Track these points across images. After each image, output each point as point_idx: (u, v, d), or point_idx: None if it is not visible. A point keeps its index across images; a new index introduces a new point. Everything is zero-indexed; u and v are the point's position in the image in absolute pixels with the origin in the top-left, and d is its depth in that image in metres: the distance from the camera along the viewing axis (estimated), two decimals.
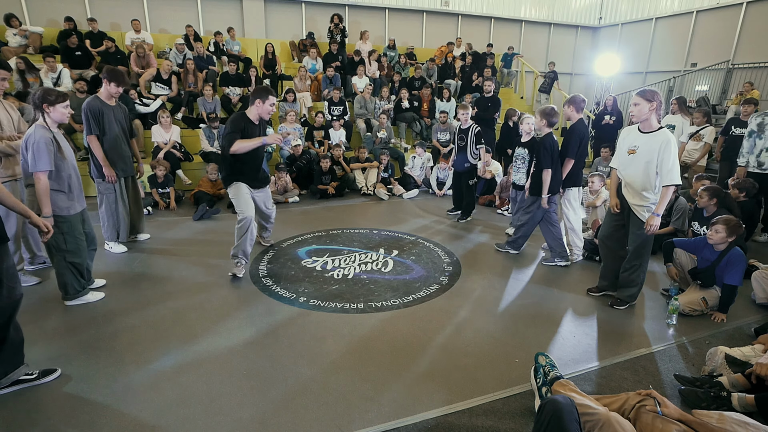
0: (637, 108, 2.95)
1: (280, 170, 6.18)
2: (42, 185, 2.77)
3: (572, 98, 3.97)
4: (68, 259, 3.03)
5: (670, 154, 2.86)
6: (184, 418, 2.10)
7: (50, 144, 2.81)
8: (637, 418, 1.87)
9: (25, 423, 2.05)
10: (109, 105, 3.85)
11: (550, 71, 10.83)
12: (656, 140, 2.91)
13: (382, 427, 2.08)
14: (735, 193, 4.48)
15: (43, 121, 2.85)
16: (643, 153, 2.97)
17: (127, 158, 4.04)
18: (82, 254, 3.13)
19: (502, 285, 3.70)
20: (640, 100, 2.93)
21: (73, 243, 3.04)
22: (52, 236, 2.77)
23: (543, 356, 2.37)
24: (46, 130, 2.84)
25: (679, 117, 6.02)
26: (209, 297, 3.34)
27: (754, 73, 9.48)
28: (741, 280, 3.08)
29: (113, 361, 2.52)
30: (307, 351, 2.66)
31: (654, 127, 2.97)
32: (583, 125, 3.98)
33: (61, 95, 2.91)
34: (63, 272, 3.05)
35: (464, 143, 5.33)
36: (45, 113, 2.85)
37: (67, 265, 3.04)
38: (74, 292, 3.13)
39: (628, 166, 3.09)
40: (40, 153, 2.75)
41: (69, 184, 2.99)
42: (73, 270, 3.08)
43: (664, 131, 2.93)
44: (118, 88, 3.82)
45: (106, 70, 3.81)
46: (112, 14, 9.44)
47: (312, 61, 9.06)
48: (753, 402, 2.16)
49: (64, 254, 3.01)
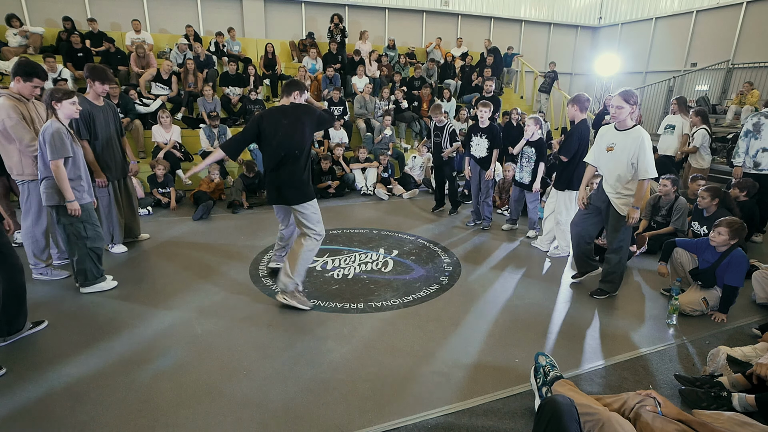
0: (621, 111, 3.10)
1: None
2: (60, 172, 2.97)
3: (576, 97, 3.95)
4: (89, 245, 3.21)
5: (645, 150, 3.02)
6: (184, 418, 2.10)
7: (67, 133, 3.03)
8: (637, 418, 1.86)
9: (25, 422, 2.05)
10: (98, 106, 3.76)
11: (551, 71, 10.82)
12: (631, 137, 3.09)
13: (382, 427, 2.08)
14: (736, 193, 4.47)
15: (54, 117, 3.03)
16: (619, 150, 3.16)
17: (119, 161, 3.98)
18: (100, 241, 3.31)
19: (502, 285, 3.70)
20: (624, 103, 3.08)
21: (92, 230, 3.24)
22: (71, 225, 3.09)
23: (543, 356, 2.37)
24: (58, 123, 3.02)
25: (679, 117, 6.01)
26: (209, 297, 3.34)
27: (754, 73, 9.48)
28: (742, 281, 3.07)
29: (113, 361, 2.52)
30: (307, 351, 2.66)
31: (628, 126, 3.15)
32: (585, 126, 3.97)
33: (68, 92, 3.08)
34: (83, 259, 3.22)
35: (440, 140, 5.42)
36: (55, 110, 3.03)
37: (87, 252, 3.22)
38: (93, 278, 3.30)
39: (608, 162, 3.26)
40: (57, 141, 2.94)
41: (82, 173, 3.18)
42: (93, 256, 3.26)
43: (637, 128, 3.10)
44: (103, 86, 3.72)
45: (88, 69, 3.72)
46: (112, 14, 9.44)
47: (312, 61, 9.06)
48: (753, 402, 2.16)
49: (85, 241, 3.19)
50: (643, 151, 3.02)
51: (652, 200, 4.73)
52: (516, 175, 4.91)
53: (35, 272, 3.54)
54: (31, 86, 3.28)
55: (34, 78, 3.27)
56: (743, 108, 8.36)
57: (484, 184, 5.08)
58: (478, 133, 4.99)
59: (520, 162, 4.79)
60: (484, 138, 4.95)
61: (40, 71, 3.31)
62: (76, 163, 3.12)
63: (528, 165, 4.73)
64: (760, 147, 4.72)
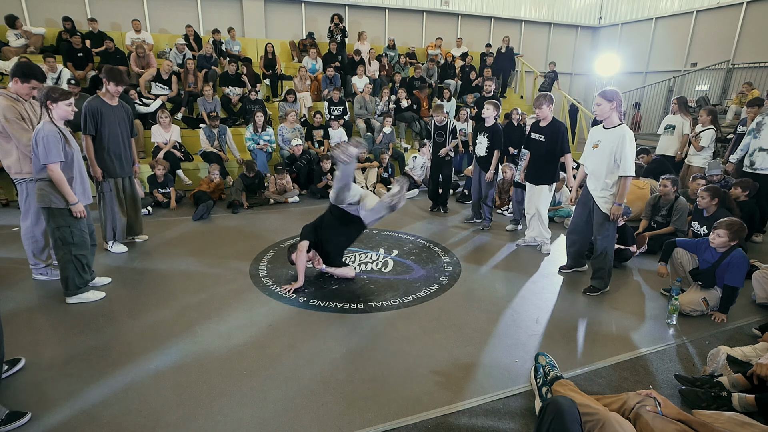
0: (600, 108, 3.25)
1: (279, 170, 6.18)
2: (57, 176, 2.91)
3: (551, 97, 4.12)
4: (74, 252, 3.10)
5: (625, 147, 3.13)
6: (184, 418, 2.10)
7: (58, 136, 2.92)
8: (637, 418, 1.87)
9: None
10: (111, 105, 3.85)
11: (551, 71, 10.82)
12: (614, 135, 3.21)
13: (382, 427, 2.07)
14: (737, 193, 4.47)
15: (48, 118, 2.95)
16: (603, 146, 3.29)
17: (126, 159, 4.03)
18: (87, 247, 3.20)
19: (501, 285, 3.70)
20: (602, 100, 3.22)
21: (79, 236, 3.12)
22: (59, 229, 2.98)
23: (543, 356, 2.37)
24: (51, 125, 2.94)
25: (679, 117, 6.00)
26: (209, 297, 3.34)
27: (754, 73, 9.49)
28: (742, 281, 3.07)
29: (113, 361, 2.52)
30: (307, 351, 2.66)
31: (615, 123, 3.26)
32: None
33: (65, 93, 3.00)
34: (66, 266, 3.09)
35: (442, 138, 5.46)
36: (49, 110, 2.95)
37: (71, 259, 3.09)
38: (74, 288, 3.15)
39: (593, 159, 3.40)
40: (50, 145, 2.86)
41: (76, 176, 3.10)
42: (76, 264, 3.12)
43: (622, 127, 3.21)
44: (117, 87, 3.83)
45: (105, 70, 3.83)
46: (112, 14, 9.44)
47: (312, 61, 9.06)
48: (753, 402, 2.16)
49: (70, 247, 3.08)
50: (623, 148, 3.13)
51: (652, 200, 4.73)
52: (517, 177, 4.91)
53: (35, 272, 3.54)
54: (29, 87, 3.27)
55: (32, 79, 3.27)
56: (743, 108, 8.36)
57: (483, 185, 5.09)
58: (482, 132, 5.03)
59: (521, 164, 4.79)
60: (485, 137, 4.97)
61: (38, 73, 3.31)
62: (69, 164, 3.03)
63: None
64: (757, 146, 4.73)
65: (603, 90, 3.26)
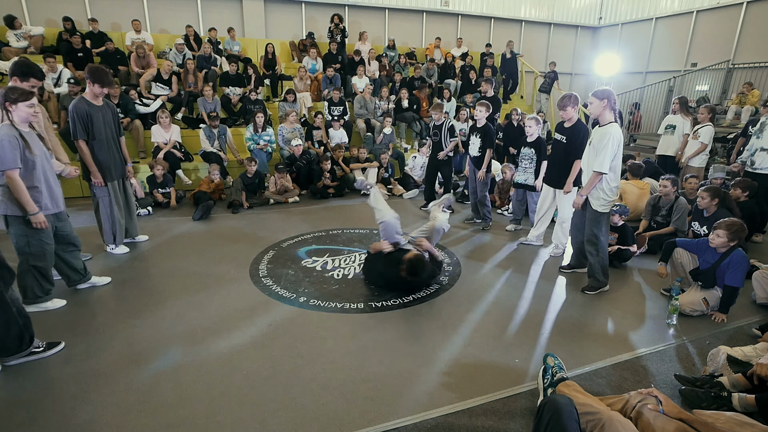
0: (592, 106, 3.33)
1: (280, 170, 6.18)
2: (15, 183, 2.70)
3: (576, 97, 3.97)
4: (31, 262, 2.92)
5: (607, 144, 3.22)
6: (184, 418, 2.10)
7: (15, 141, 2.69)
8: (639, 416, 1.87)
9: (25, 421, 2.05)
10: (96, 106, 3.71)
11: (551, 71, 10.82)
12: (603, 131, 3.30)
13: (382, 427, 2.07)
14: (737, 193, 4.46)
15: (8, 121, 2.75)
16: (593, 143, 3.40)
17: (118, 161, 3.95)
18: (47, 258, 2.99)
19: (502, 285, 3.70)
20: (593, 99, 3.31)
21: (38, 246, 2.92)
22: (16, 237, 2.85)
23: (552, 357, 2.37)
24: (11, 128, 2.73)
25: (679, 117, 6.00)
26: (209, 297, 3.34)
27: (754, 73, 9.48)
28: (742, 281, 3.07)
29: (113, 361, 2.52)
30: (307, 351, 2.66)
31: (606, 121, 3.33)
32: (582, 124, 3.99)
33: (24, 94, 2.79)
34: (24, 275, 2.92)
35: (438, 138, 5.48)
36: (8, 112, 2.74)
37: (29, 268, 2.93)
38: (33, 296, 2.99)
39: (586, 156, 3.51)
40: (5, 150, 2.64)
41: (39, 184, 2.87)
42: (35, 273, 2.95)
43: (611, 125, 3.29)
44: (102, 89, 3.67)
45: (89, 70, 3.67)
46: (112, 14, 9.43)
47: (312, 61, 9.06)
48: (753, 402, 2.16)
49: (27, 257, 2.91)
50: (602, 144, 3.23)
51: (652, 200, 4.72)
52: (518, 178, 4.92)
53: None
54: (28, 86, 3.20)
55: (31, 78, 3.22)
56: (743, 108, 8.36)
57: (479, 185, 5.12)
58: (474, 132, 5.08)
59: (521, 164, 4.79)
60: (478, 137, 5.01)
61: (37, 72, 3.27)
62: (29, 172, 2.80)
63: (530, 166, 4.73)
64: (759, 146, 4.74)
65: (595, 90, 3.35)
